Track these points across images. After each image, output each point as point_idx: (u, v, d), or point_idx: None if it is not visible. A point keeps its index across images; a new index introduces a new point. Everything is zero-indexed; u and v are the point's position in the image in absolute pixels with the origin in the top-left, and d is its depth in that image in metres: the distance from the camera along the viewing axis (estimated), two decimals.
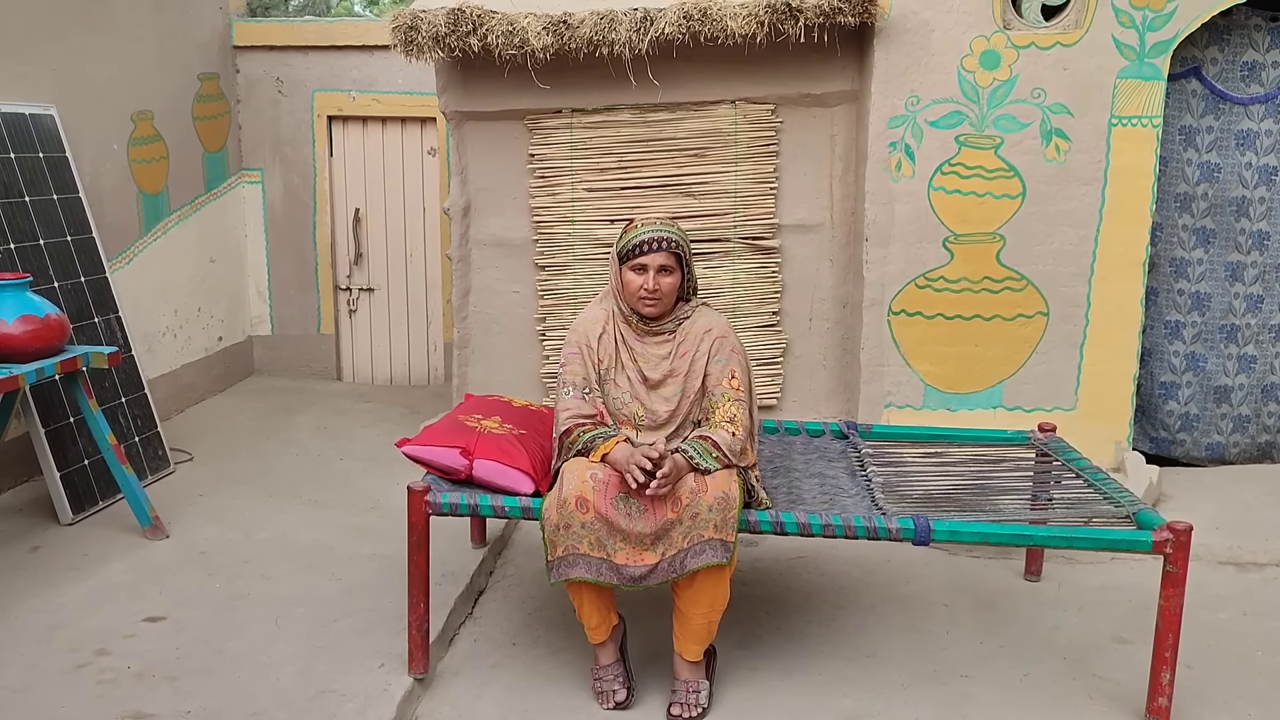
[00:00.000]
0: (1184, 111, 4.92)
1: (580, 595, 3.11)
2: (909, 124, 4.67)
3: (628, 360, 3.22)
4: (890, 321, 4.84)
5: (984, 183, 4.70)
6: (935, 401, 4.91)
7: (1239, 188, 4.97)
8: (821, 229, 5.04)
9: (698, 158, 4.95)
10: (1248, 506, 4.58)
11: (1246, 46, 4.85)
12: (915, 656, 3.50)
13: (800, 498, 3.43)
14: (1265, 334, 5.10)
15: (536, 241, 5.08)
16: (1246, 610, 3.84)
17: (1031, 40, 4.59)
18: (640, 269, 3.13)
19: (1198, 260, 5.07)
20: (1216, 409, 5.16)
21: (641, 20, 4.52)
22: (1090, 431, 4.83)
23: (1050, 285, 4.78)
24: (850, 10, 4.47)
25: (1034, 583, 4.08)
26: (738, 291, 5.04)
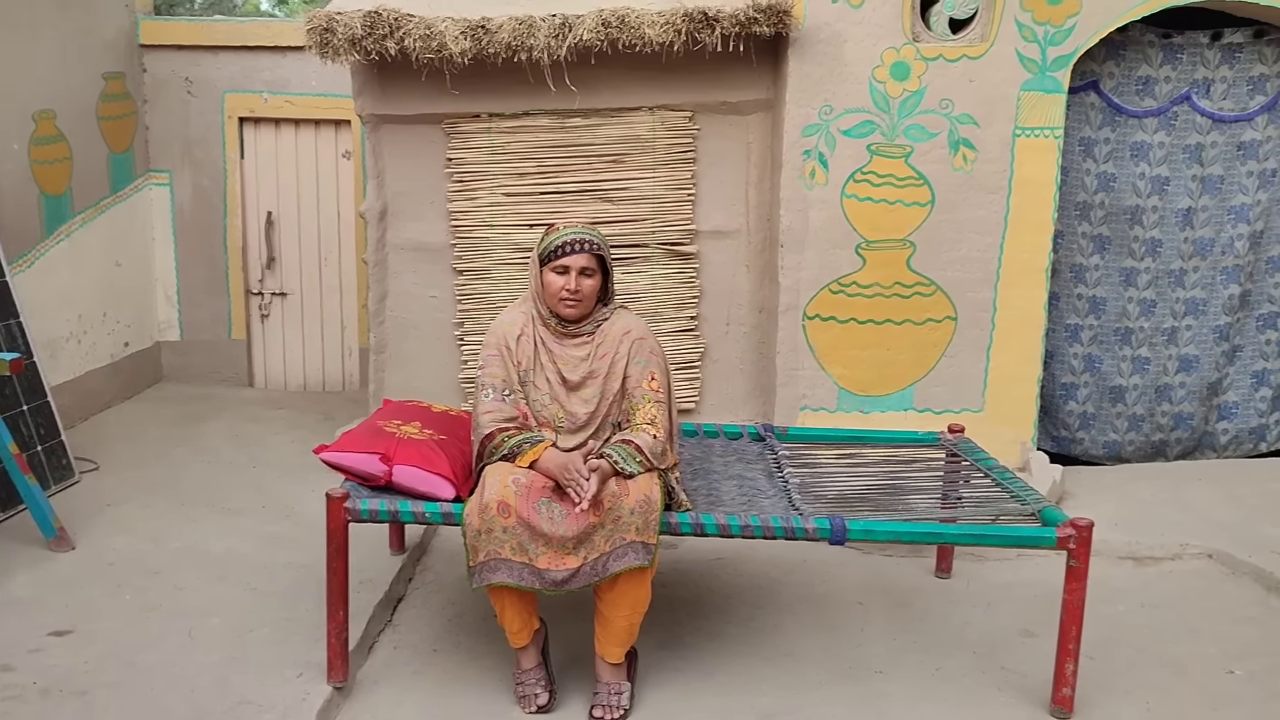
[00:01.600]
0: (1083, 123, 5.11)
1: (502, 600, 3.12)
2: (822, 132, 4.77)
3: (546, 362, 3.24)
4: (805, 326, 4.93)
5: (895, 191, 4.82)
6: (849, 404, 5.01)
7: (1133, 197, 5.18)
8: (738, 235, 5.11)
9: (616, 164, 4.99)
10: (1145, 503, 4.78)
11: (1141, 62, 5.06)
12: (831, 654, 3.58)
13: (720, 499, 3.48)
14: (1158, 337, 5.33)
15: (454, 246, 5.06)
16: (1144, 603, 4.01)
17: (940, 53, 4.73)
18: (562, 270, 3.15)
19: (1095, 266, 5.27)
20: (1112, 408, 5.37)
21: (560, 26, 4.54)
22: (997, 432, 4.98)
23: (958, 291, 4.92)
24: (766, 21, 4.54)
25: (945, 580, 4.20)
26: (656, 296, 5.09)
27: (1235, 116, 5.11)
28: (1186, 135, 5.14)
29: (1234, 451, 5.45)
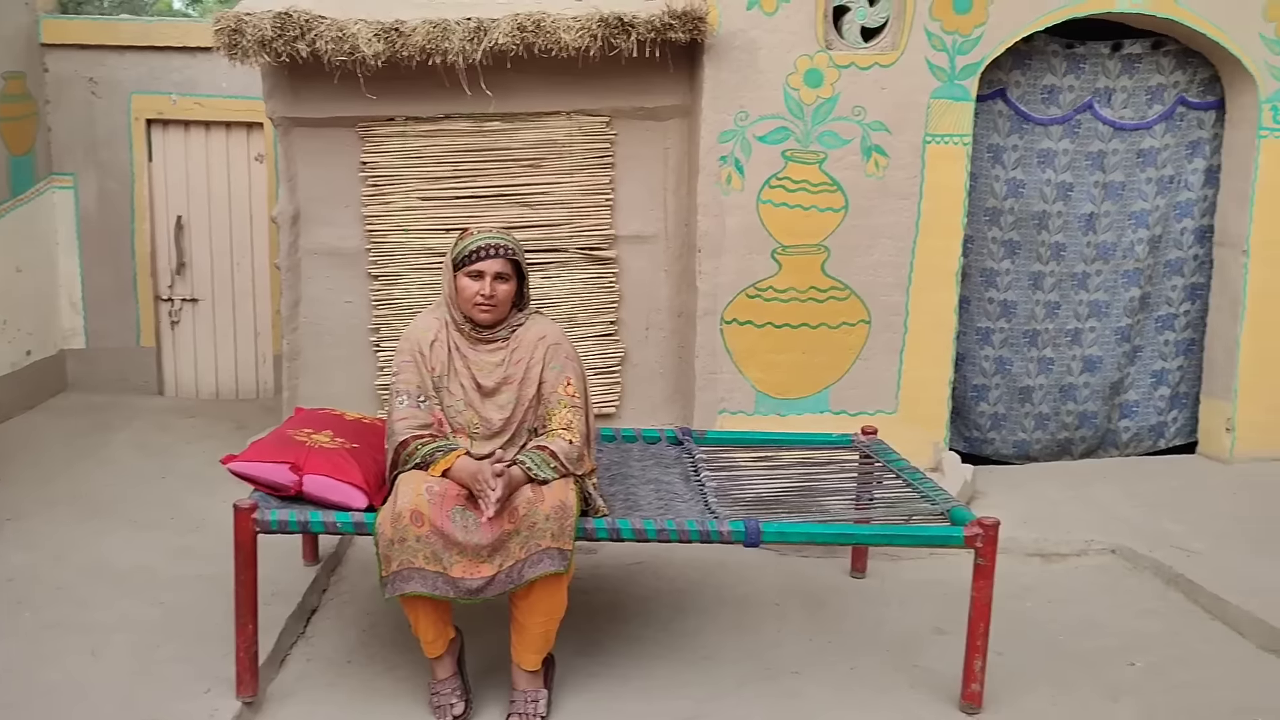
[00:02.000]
0: (992, 131, 5.23)
1: (416, 610, 3.08)
2: (738, 139, 4.81)
3: (461, 368, 3.21)
4: (723, 330, 4.97)
5: (809, 196, 4.89)
6: (766, 407, 5.06)
7: (1040, 202, 5.32)
8: (656, 240, 5.14)
9: (533, 168, 4.97)
10: (1052, 501, 4.91)
11: (1046, 71, 5.20)
12: (749, 656, 3.61)
13: (637, 504, 3.49)
14: (1062, 338, 5.48)
15: (369, 251, 4.99)
16: (1051, 598, 4.11)
17: (852, 60, 4.80)
18: (477, 275, 3.14)
19: (1005, 270, 5.40)
20: (1021, 408, 5.51)
21: (475, 30, 4.51)
22: (910, 433, 5.08)
23: (872, 295, 5.00)
24: (681, 27, 4.58)
25: (860, 579, 4.26)
26: (575, 301, 5.08)
27: (1135, 125, 5.28)
28: (1089, 143, 5.30)
29: (1135, 449, 5.62)
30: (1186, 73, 5.25)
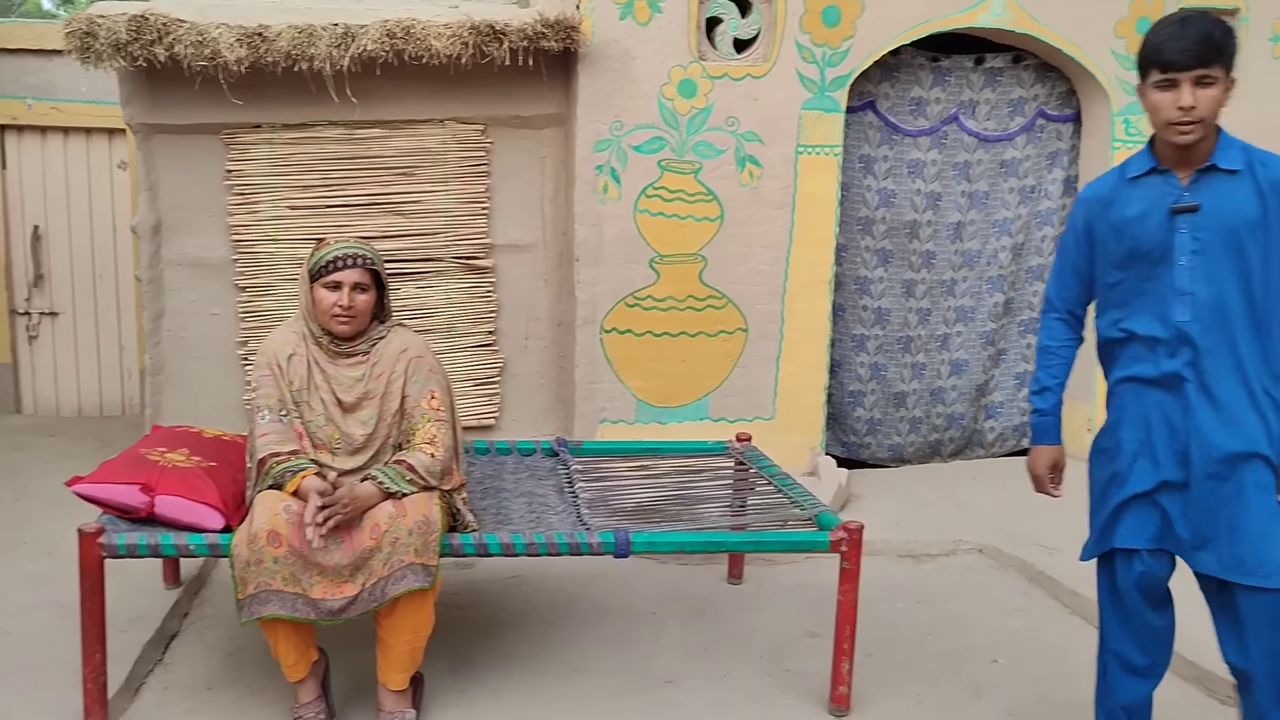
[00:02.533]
0: (863, 142, 5.35)
1: (275, 633, 2.98)
2: (614, 148, 4.82)
3: (320, 383, 3.13)
4: (602, 339, 4.96)
5: (685, 206, 4.92)
6: (647, 415, 5.07)
7: (911, 212, 5.46)
8: (535, 249, 5.10)
9: (407, 176, 4.89)
10: (923, 502, 5.02)
11: (914, 84, 5.34)
12: (623, 667, 3.60)
13: (508, 518, 3.45)
14: (933, 343, 5.63)
15: (236, 261, 4.84)
16: (920, 598, 4.20)
17: (725, 71, 4.85)
18: (334, 286, 3.06)
19: (879, 278, 5.52)
20: (896, 413, 5.63)
21: (342, 36, 4.42)
22: (788, 439, 5.15)
23: (748, 303, 5.05)
24: (554, 36, 4.56)
25: (736, 585, 4.29)
26: (452, 311, 5.01)
27: (998, 136, 5.46)
28: (956, 153, 5.45)
29: (999, 448, 5.81)
30: (1045, 86, 5.44)
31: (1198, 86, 2.42)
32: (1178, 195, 2.53)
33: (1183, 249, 2.53)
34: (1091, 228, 2.69)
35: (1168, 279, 2.56)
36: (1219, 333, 2.53)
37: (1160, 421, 2.60)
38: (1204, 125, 2.45)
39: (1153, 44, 2.48)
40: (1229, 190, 2.49)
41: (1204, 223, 2.51)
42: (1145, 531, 2.65)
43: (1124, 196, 2.61)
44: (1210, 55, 2.41)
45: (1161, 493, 2.61)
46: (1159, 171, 2.57)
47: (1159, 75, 2.45)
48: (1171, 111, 2.43)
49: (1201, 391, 2.55)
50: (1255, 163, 2.50)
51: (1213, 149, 2.51)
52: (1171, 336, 2.56)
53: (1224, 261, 2.51)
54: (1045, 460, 2.81)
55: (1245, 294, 2.52)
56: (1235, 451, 2.52)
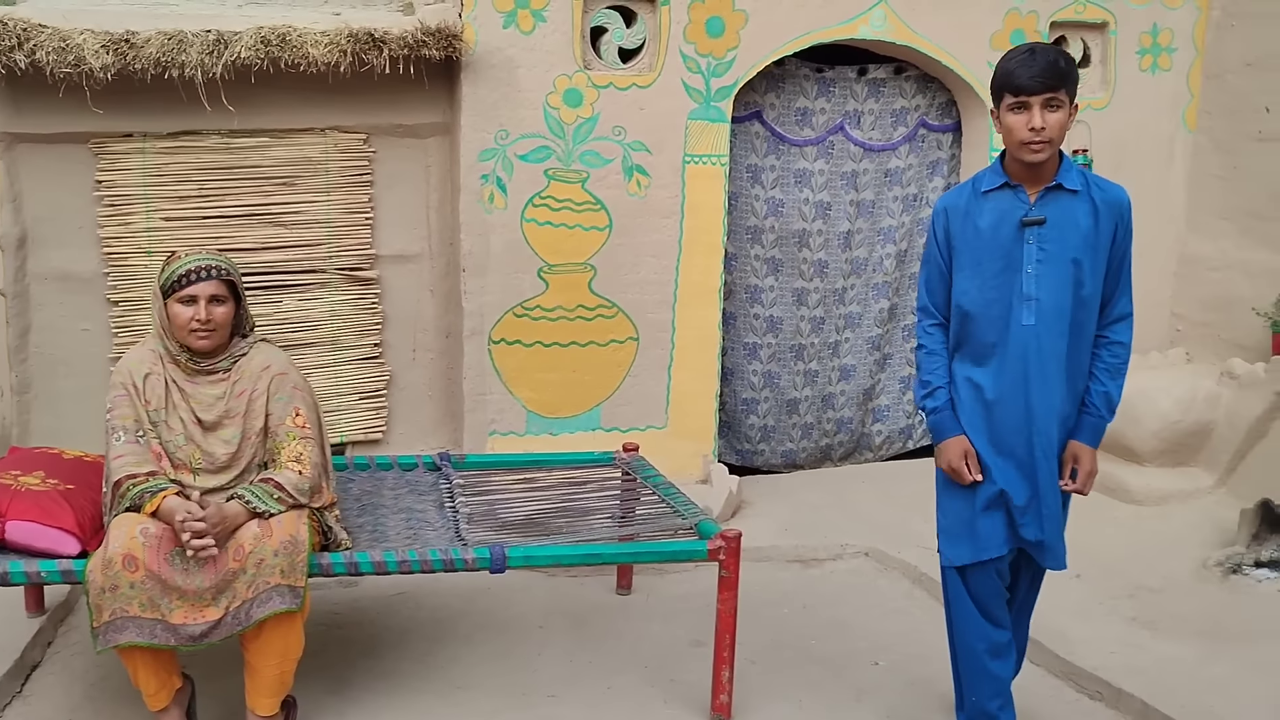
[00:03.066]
0: (750, 151, 5.39)
1: (134, 661, 2.88)
2: (499, 157, 4.77)
3: (179, 401, 3.04)
4: (491, 350, 4.91)
5: (573, 215, 4.90)
6: (538, 427, 5.03)
7: (800, 221, 5.52)
8: (421, 259, 5.04)
9: (287, 186, 4.78)
10: (813, 507, 5.08)
11: (799, 94, 5.40)
12: (506, 682, 3.56)
13: (384, 535, 3.39)
14: (825, 351, 5.70)
15: (108, 275, 4.67)
16: (807, 604, 4.24)
17: (610, 81, 4.85)
18: (189, 300, 2.97)
19: (769, 287, 5.57)
20: (789, 419, 5.69)
21: (215, 43, 4.29)
22: (680, 447, 5.16)
23: (639, 312, 5.05)
24: (435, 44, 4.50)
25: (625, 596, 4.27)
26: (336, 324, 4.91)
27: (882, 146, 5.55)
28: (843, 163, 5.53)
29: (886, 451, 5.91)
30: (927, 97, 5.56)
31: (1046, 110, 2.68)
32: (1026, 209, 2.79)
33: (1030, 258, 2.79)
34: (950, 236, 2.91)
35: (1015, 286, 2.80)
36: (1056, 336, 2.81)
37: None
38: (1052, 145, 2.73)
39: (1006, 70, 2.73)
40: (1070, 207, 2.79)
41: (1049, 235, 2.79)
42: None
43: (977, 208, 2.85)
44: (1057, 81, 2.68)
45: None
46: (1010, 187, 2.82)
47: (1012, 99, 2.71)
48: (1024, 132, 2.69)
49: (1041, 388, 2.83)
50: (1092, 185, 2.82)
51: (1056, 170, 2.79)
52: (1016, 338, 2.82)
53: (1062, 271, 2.78)
54: (958, 450, 2.94)
55: (1075, 302, 2.81)
56: (1063, 443, 2.91)
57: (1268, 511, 4.39)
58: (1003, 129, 2.77)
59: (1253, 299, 5.38)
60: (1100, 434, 2.95)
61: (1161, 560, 4.49)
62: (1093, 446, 2.93)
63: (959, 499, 2.97)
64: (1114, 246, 2.84)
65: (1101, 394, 2.91)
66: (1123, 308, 2.93)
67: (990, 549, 2.93)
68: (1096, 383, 2.92)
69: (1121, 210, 2.84)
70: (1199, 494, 5.12)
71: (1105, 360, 2.92)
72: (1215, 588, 4.23)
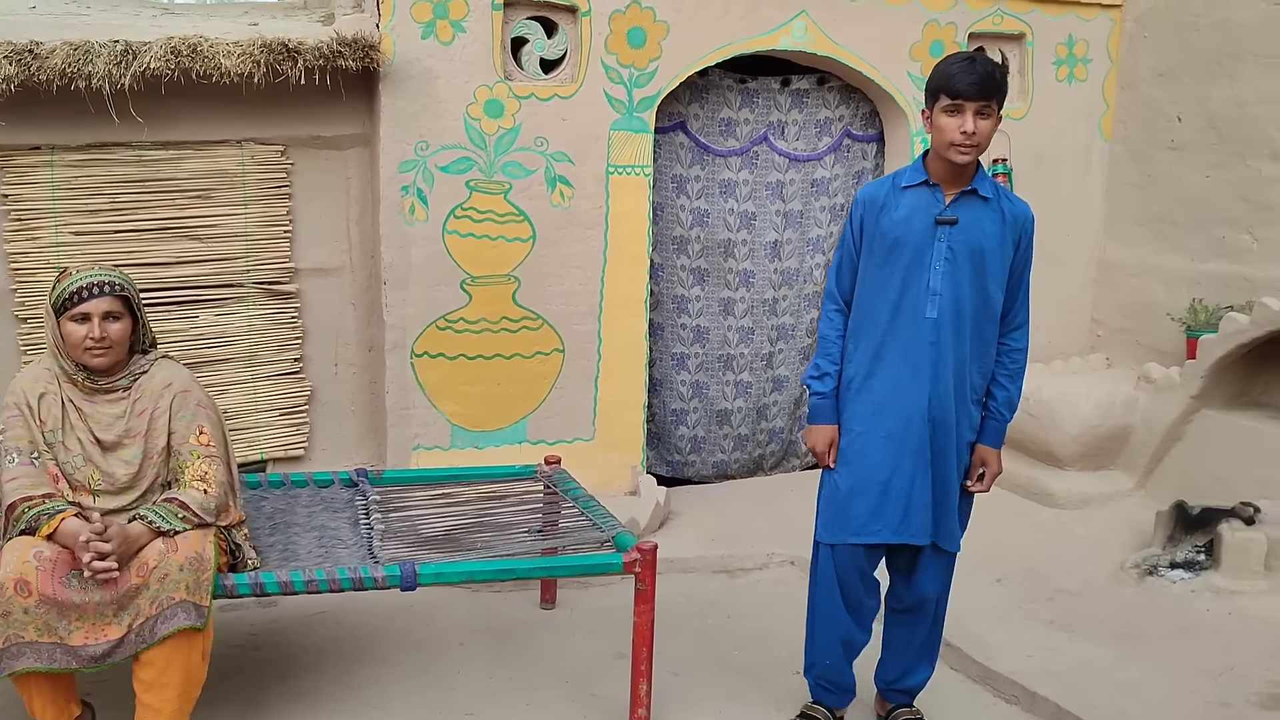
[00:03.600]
0: (675, 162, 5.40)
1: (29, 688, 2.79)
2: (420, 168, 4.72)
3: (77, 421, 2.95)
4: (414, 364, 4.85)
5: (496, 226, 4.86)
6: (463, 441, 4.98)
7: (725, 231, 5.53)
8: (342, 272, 4.97)
9: (202, 199, 4.69)
10: (742, 516, 5.08)
11: (723, 105, 5.42)
12: (423, 701, 3.50)
13: (295, 554, 3.33)
14: (757, 362, 5.71)
15: (15, 291, 4.54)
16: (731, 614, 4.23)
17: (532, 91, 4.82)
18: (82, 318, 2.90)
19: (696, 297, 5.57)
20: (719, 430, 5.69)
21: (122, 54, 4.20)
22: (609, 459, 5.14)
23: (564, 323, 5.03)
24: (351, 55, 4.44)
25: (549, 610, 4.23)
26: (255, 339, 4.83)
27: (807, 156, 5.59)
28: (768, 173, 5.56)
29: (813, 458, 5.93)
30: (850, 107, 5.61)
31: (978, 116, 2.80)
32: (941, 208, 2.92)
33: (938, 255, 2.92)
34: (864, 225, 3.04)
35: (922, 280, 2.92)
36: (956, 332, 2.94)
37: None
38: (978, 150, 2.84)
39: (946, 74, 2.84)
40: (981, 212, 2.92)
41: (959, 236, 2.91)
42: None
43: (894, 201, 2.98)
44: (991, 91, 2.81)
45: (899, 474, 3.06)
46: (928, 185, 2.94)
47: (948, 101, 2.82)
48: (955, 134, 2.81)
49: (937, 380, 2.95)
50: (1002, 196, 2.96)
51: (974, 176, 2.92)
52: (917, 330, 2.94)
53: (967, 271, 2.91)
54: (826, 437, 3.15)
55: (977, 302, 2.94)
56: (960, 436, 3.03)
57: (1182, 513, 4.47)
58: (933, 129, 2.88)
59: (1168, 304, 5.50)
60: (1003, 435, 3.11)
61: (1081, 563, 4.55)
62: (997, 448, 3.09)
63: (839, 478, 3.13)
64: (1016, 256, 2.98)
65: (1004, 398, 3.07)
66: (1021, 317, 3.08)
67: (863, 534, 3.09)
68: (999, 387, 3.07)
69: (1026, 224, 2.99)
70: (1119, 496, 5.22)
71: (1006, 366, 3.07)
72: (1132, 590, 4.29)
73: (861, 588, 3.19)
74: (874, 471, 3.05)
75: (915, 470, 3.01)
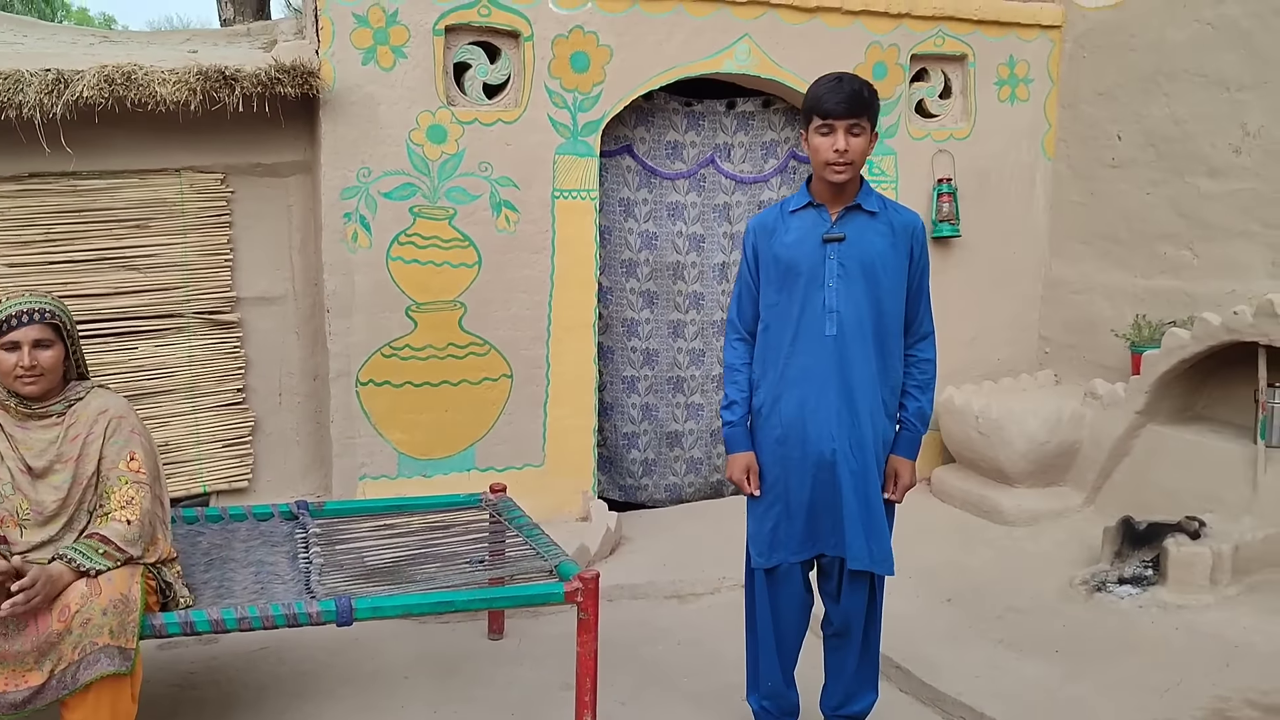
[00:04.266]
0: (622, 185, 5.39)
1: None
2: (362, 195, 4.68)
3: (7, 449, 2.89)
4: (359, 392, 4.79)
5: (441, 252, 4.82)
6: (410, 469, 4.92)
7: (674, 254, 5.52)
8: (285, 300, 4.91)
9: (140, 229, 4.62)
10: (695, 540, 5.04)
11: (669, 128, 5.42)
12: None
13: (230, 590, 3.25)
14: (709, 384, 5.69)
15: None
16: (681, 640, 4.19)
17: (475, 116, 4.80)
18: (12, 346, 2.85)
19: (645, 320, 5.55)
20: (670, 453, 5.66)
21: (54, 82, 4.14)
22: (559, 484, 5.10)
23: (512, 349, 4.99)
24: (290, 81, 4.41)
25: (497, 640, 4.17)
26: (196, 369, 4.75)
27: (754, 178, 5.60)
28: (715, 195, 5.56)
29: None
30: (795, 129, 5.63)
31: (849, 134, 2.87)
32: (828, 227, 2.98)
33: (831, 273, 2.97)
34: (758, 253, 3.10)
35: (819, 299, 2.97)
36: (858, 348, 2.97)
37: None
38: (854, 167, 2.91)
39: (815, 96, 2.93)
40: (868, 226, 2.98)
41: (848, 252, 2.97)
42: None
43: (784, 226, 3.05)
44: (860, 109, 2.88)
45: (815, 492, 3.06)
46: (814, 206, 3.02)
47: (819, 122, 2.90)
48: (829, 153, 2.88)
49: (844, 398, 2.97)
50: (889, 208, 3.02)
51: (857, 192, 2.98)
52: (820, 349, 2.97)
53: (862, 286, 2.97)
54: (742, 466, 3.15)
55: (875, 315, 2.98)
56: (875, 451, 3.03)
57: (1129, 529, 4.50)
58: (810, 150, 2.96)
59: (1113, 320, 5.55)
60: (917, 446, 3.12)
61: (1031, 580, 4.56)
62: (911, 459, 3.09)
63: (761, 506, 3.14)
64: (912, 266, 3.04)
65: (915, 409, 3.10)
66: (925, 327, 3.13)
67: (789, 555, 3.11)
68: (910, 399, 3.10)
69: (915, 232, 3.04)
70: (1068, 513, 5.24)
71: (915, 377, 3.11)
72: (1080, 607, 4.30)
73: (794, 609, 3.20)
74: (794, 493, 3.06)
75: (833, 489, 3.01)
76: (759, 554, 3.16)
